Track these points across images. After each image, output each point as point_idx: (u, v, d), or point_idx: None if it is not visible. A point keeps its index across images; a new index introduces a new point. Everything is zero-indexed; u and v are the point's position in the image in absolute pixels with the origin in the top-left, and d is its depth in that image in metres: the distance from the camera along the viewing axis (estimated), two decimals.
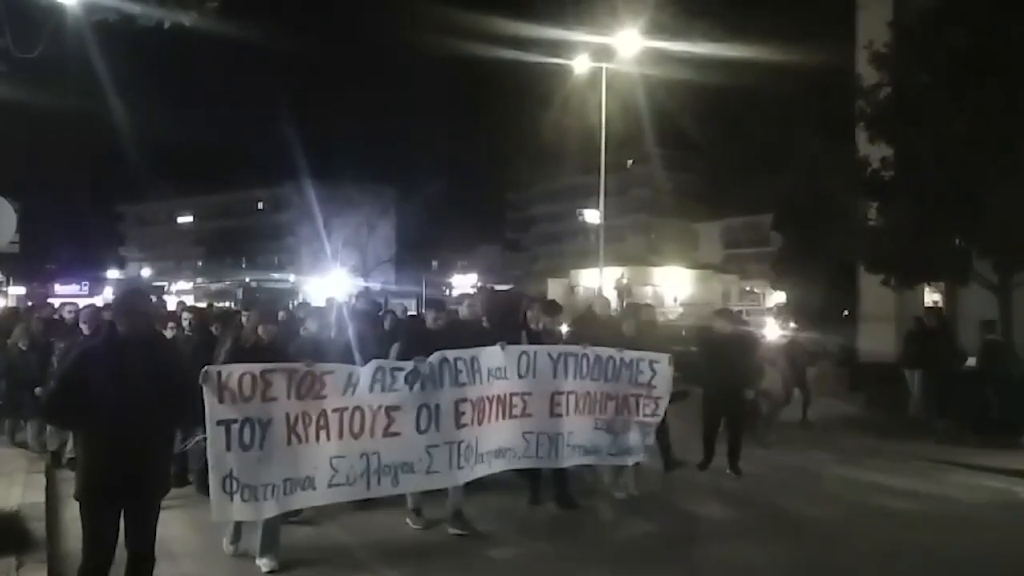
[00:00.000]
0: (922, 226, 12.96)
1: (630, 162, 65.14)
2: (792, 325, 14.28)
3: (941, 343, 12.40)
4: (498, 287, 41.08)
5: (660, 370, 7.54)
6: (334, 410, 5.89)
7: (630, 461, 7.68)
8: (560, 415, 7.07)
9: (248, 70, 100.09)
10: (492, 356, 6.71)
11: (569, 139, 44.49)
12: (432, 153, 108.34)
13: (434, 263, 68.03)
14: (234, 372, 5.46)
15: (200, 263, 76.60)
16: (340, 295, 16.04)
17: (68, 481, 8.15)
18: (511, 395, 6.82)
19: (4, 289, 23.27)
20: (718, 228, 60.26)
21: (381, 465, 6.07)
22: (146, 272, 73.19)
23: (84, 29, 8.66)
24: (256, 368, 5.54)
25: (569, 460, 7.22)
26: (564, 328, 8.65)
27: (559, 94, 33.08)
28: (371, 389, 6.05)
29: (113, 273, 64.47)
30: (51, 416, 4.95)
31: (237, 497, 5.42)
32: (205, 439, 5.52)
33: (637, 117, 38.15)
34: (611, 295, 27.34)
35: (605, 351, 7.34)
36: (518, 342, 7.30)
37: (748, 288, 44.76)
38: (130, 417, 4.14)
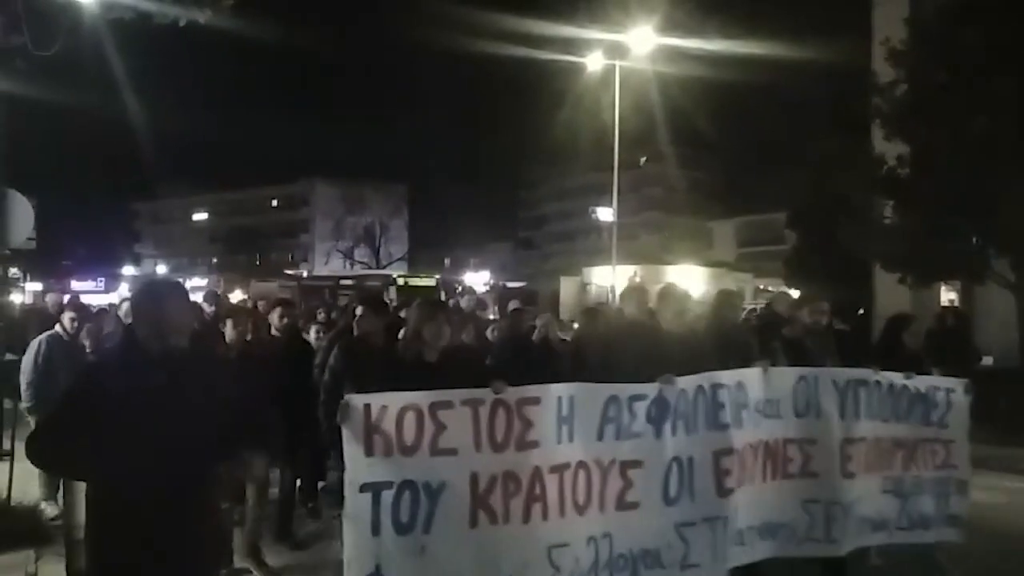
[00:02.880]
0: (938, 224, 12.88)
1: (643, 160, 65.03)
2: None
3: (959, 341, 12.31)
4: (511, 284, 41.11)
5: (956, 401, 5.35)
6: (552, 469, 3.85)
7: (930, 538, 5.41)
8: (853, 474, 4.86)
9: (262, 69, 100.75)
10: (759, 382, 4.61)
11: (582, 137, 44.45)
12: (445, 151, 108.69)
13: (446, 261, 68.18)
14: (391, 406, 3.59)
15: (215, 260, 77.13)
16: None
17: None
18: (785, 442, 4.69)
19: (21, 285, 23.46)
20: (732, 226, 59.98)
21: (613, 555, 3.99)
22: (161, 269, 73.72)
23: (100, 27, 8.72)
24: (423, 400, 3.65)
25: (855, 540, 4.94)
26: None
27: (572, 92, 33.03)
28: (601, 434, 4.01)
29: (128, 270, 64.89)
30: (39, 457, 2.98)
31: None
32: (339, 515, 3.78)
33: (650, 115, 38.07)
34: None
35: (896, 377, 5.18)
36: (774, 358, 5.00)
37: (762, 286, 44.53)
38: (159, 469, 2.80)
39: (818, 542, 4.75)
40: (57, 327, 7.02)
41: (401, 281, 27.42)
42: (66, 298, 12.40)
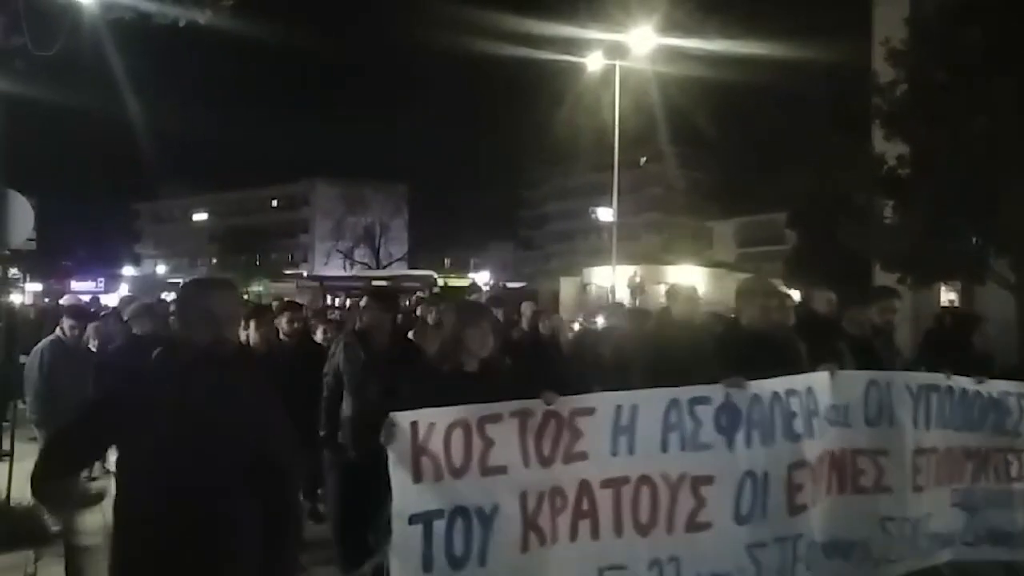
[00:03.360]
0: (939, 224, 12.90)
1: (643, 160, 65.08)
2: None
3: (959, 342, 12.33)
4: (511, 285, 41.13)
5: None
6: (604, 483, 3.56)
7: (1003, 556, 4.91)
8: (922, 488, 4.54)
9: (262, 69, 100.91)
10: (827, 387, 4.22)
11: (582, 137, 44.38)
12: (445, 151, 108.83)
13: (447, 261, 68.19)
14: (438, 423, 3.28)
15: (215, 260, 77.18)
16: None
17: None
18: (855, 453, 4.33)
19: (21, 285, 23.47)
20: (732, 226, 59.93)
21: None
22: (161, 269, 73.75)
23: (101, 27, 8.74)
24: (471, 414, 3.34)
25: (925, 559, 4.60)
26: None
27: (572, 92, 33.00)
28: (665, 444, 3.69)
29: (128, 270, 64.92)
30: (40, 484, 2.69)
31: None
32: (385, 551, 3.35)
33: (651, 115, 38.02)
34: (624, 293, 27.30)
35: (968, 382, 4.84)
36: (838, 359, 4.52)
37: None
38: (189, 494, 2.57)
39: (893, 563, 4.45)
40: (58, 330, 6.95)
41: (442, 281, 26.11)
42: (87, 299, 12.20)
